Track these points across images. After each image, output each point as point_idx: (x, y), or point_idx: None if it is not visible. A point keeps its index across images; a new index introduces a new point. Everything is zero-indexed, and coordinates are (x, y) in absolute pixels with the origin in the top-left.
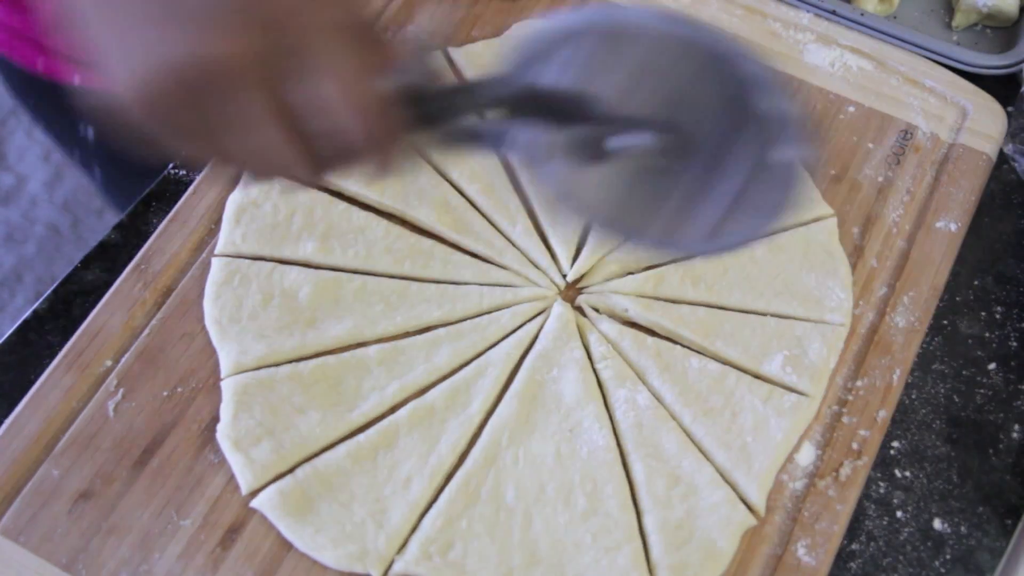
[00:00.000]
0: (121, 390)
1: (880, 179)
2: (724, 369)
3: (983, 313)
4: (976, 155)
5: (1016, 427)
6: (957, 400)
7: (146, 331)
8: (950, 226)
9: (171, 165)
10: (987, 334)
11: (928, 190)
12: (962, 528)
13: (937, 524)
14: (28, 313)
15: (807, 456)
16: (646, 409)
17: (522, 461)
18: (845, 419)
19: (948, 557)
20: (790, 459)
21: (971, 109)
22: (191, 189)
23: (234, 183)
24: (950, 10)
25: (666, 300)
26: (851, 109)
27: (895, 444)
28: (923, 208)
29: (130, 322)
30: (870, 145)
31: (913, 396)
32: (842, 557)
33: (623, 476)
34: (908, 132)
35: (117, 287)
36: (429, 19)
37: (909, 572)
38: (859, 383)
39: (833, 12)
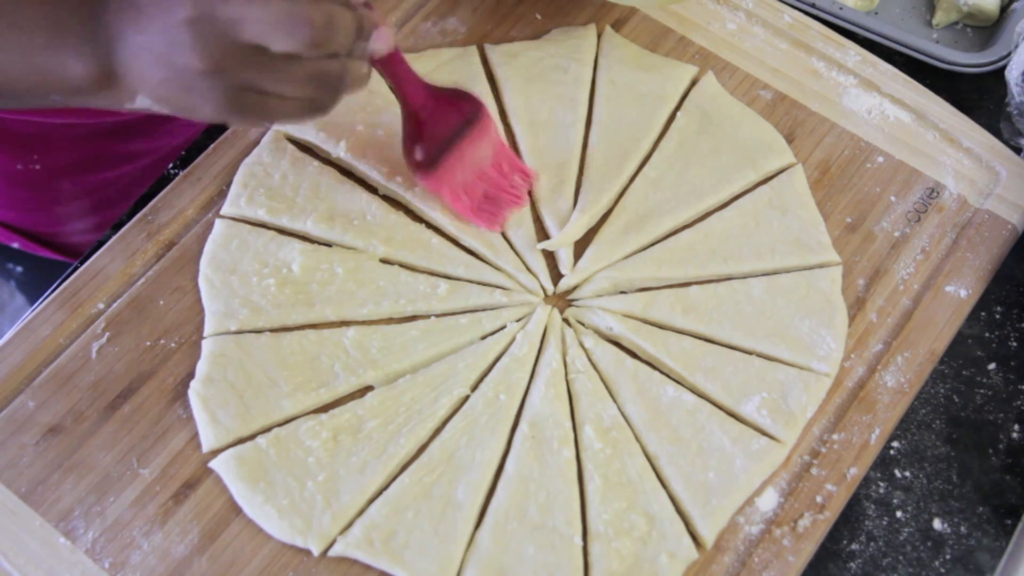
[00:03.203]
0: (107, 334)
1: (896, 234)
2: (699, 402)
3: (983, 313)
4: (1001, 223)
5: (1016, 427)
6: (957, 400)
7: (142, 280)
8: (960, 292)
9: (170, 165)
10: (987, 334)
11: (945, 252)
12: (962, 528)
13: (937, 524)
14: None
15: (769, 502)
16: (612, 429)
17: (479, 463)
18: (814, 471)
19: (948, 557)
20: (750, 502)
21: (1005, 175)
22: (210, 149)
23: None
24: (931, 7)
25: (653, 324)
26: (880, 160)
27: (895, 444)
28: (936, 270)
29: (128, 269)
30: (892, 198)
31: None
32: (842, 557)
33: (576, 493)
34: (935, 190)
35: (122, 234)
36: (472, 13)
37: (909, 572)
38: (836, 436)
39: (813, 5)
